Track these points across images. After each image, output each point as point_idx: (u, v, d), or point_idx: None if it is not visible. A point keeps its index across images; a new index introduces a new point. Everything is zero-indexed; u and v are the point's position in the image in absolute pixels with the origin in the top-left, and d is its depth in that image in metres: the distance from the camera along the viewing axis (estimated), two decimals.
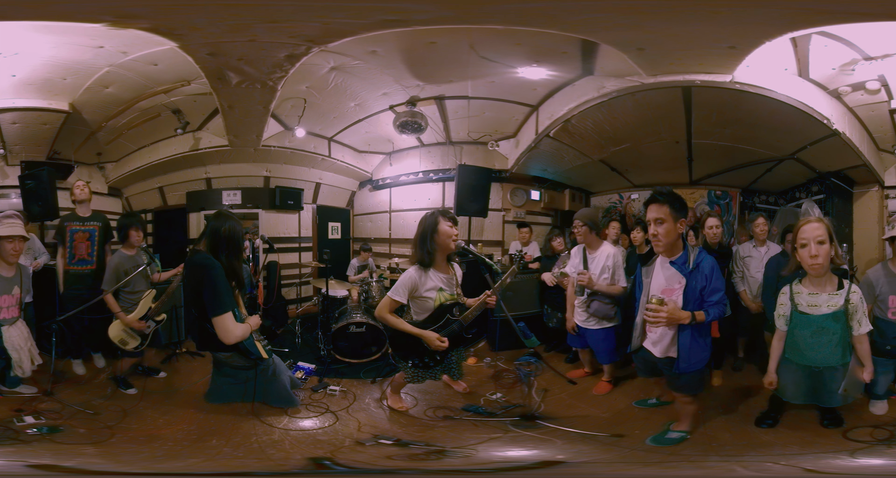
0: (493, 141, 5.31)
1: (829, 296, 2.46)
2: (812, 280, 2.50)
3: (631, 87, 4.04)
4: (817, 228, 2.37)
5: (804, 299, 2.51)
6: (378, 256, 5.71)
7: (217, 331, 2.50)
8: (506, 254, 5.57)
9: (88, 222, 3.87)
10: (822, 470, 2.45)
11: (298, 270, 5.75)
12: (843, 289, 2.46)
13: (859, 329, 2.46)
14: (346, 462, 2.58)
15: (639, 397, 3.29)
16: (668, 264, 2.59)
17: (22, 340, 3.10)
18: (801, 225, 2.43)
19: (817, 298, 2.48)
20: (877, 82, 3.80)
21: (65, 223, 3.82)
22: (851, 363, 2.52)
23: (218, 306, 2.49)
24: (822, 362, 2.49)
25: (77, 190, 3.89)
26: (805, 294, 2.51)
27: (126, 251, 3.52)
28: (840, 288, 2.46)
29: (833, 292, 2.45)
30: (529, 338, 3.31)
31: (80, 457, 2.56)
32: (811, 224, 2.40)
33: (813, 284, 2.50)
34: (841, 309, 2.43)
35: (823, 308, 2.45)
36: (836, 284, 2.47)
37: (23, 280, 3.20)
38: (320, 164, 5.60)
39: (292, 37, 3.34)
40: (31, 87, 4.02)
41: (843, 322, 2.44)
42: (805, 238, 2.39)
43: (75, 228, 3.81)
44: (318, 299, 4.82)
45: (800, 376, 2.57)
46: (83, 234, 3.82)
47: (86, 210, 3.90)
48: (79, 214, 3.87)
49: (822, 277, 2.46)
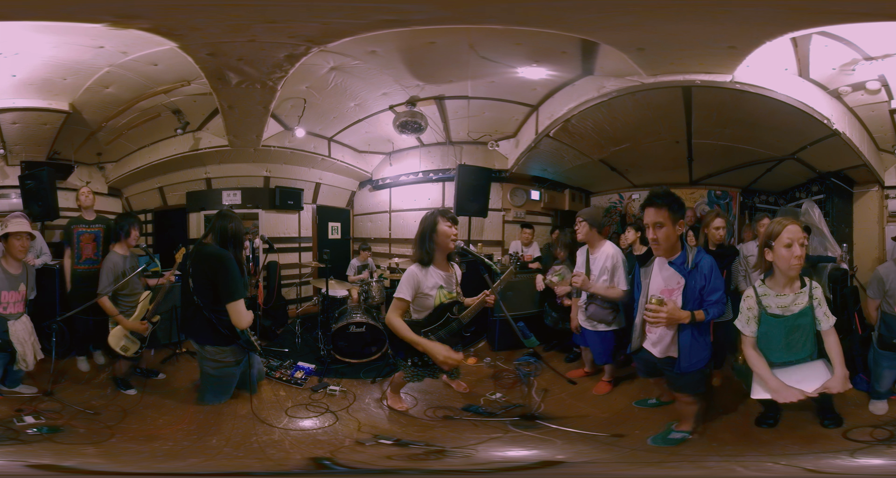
0: (492, 141, 5.31)
1: (795, 295, 2.43)
2: (778, 280, 2.47)
3: (631, 87, 4.04)
4: (800, 230, 2.37)
5: (773, 301, 2.46)
6: (378, 257, 5.72)
7: (232, 316, 2.76)
8: (506, 254, 5.57)
9: (94, 225, 3.98)
10: (822, 470, 2.45)
11: (298, 271, 5.75)
12: (806, 286, 2.44)
13: (828, 322, 2.43)
14: (346, 462, 2.58)
15: (639, 397, 3.28)
16: (666, 265, 2.59)
17: (26, 334, 3.16)
18: (786, 225, 2.39)
19: (785, 299, 2.45)
20: (877, 82, 3.80)
21: (71, 226, 3.92)
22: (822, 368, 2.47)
23: (235, 292, 2.76)
24: (795, 357, 2.47)
25: (82, 196, 4.03)
26: (773, 295, 2.47)
27: (119, 251, 3.52)
28: (803, 286, 2.45)
29: (798, 291, 2.44)
30: (529, 338, 3.30)
31: (80, 457, 2.56)
32: (795, 225, 2.38)
33: (780, 285, 2.46)
34: (808, 305, 2.42)
35: (793, 307, 2.43)
36: (800, 283, 2.46)
37: (28, 277, 3.26)
38: (320, 164, 5.60)
39: (292, 37, 3.34)
40: (32, 87, 4.02)
41: (811, 317, 2.43)
42: (791, 238, 2.36)
43: (81, 230, 3.92)
44: (318, 299, 4.82)
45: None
46: (89, 235, 3.92)
47: (91, 214, 4.03)
48: (84, 218, 3.99)
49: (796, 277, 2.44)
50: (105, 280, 3.37)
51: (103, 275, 3.39)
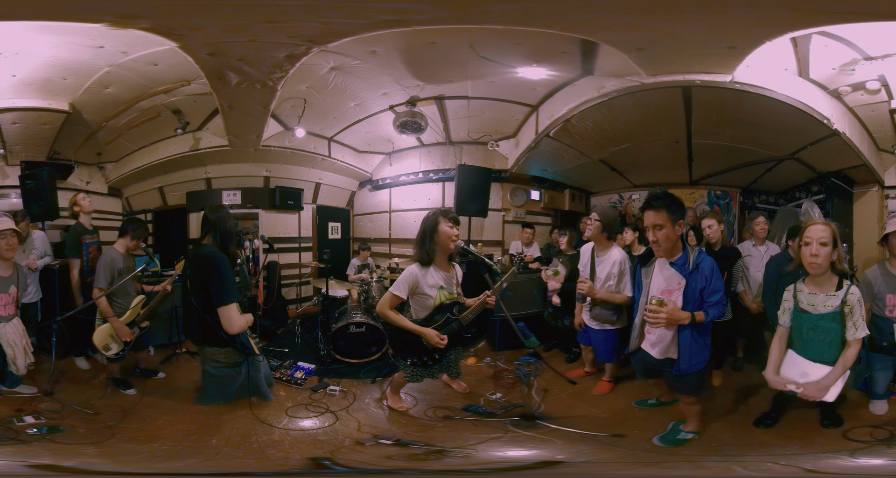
0: (492, 141, 5.31)
1: (826, 296, 2.47)
2: (813, 280, 2.52)
3: (631, 87, 4.04)
4: (822, 230, 2.42)
5: (804, 298, 2.53)
6: (378, 257, 5.72)
7: (222, 320, 2.63)
8: (506, 254, 5.57)
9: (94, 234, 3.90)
10: (822, 470, 2.45)
11: (298, 271, 5.75)
12: (841, 290, 2.47)
13: (855, 333, 2.45)
14: (346, 462, 2.58)
15: (639, 397, 3.29)
16: (667, 265, 2.59)
17: (17, 336, 3.11)
18: (808, 225, 2.47)
19: (815, 298, 2.50)
20: (877, 82, 3.80)
21: (80, 237, 3.77)
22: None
23: (226, 296, 2.64)
24: (814, 358, 2.48)
25: (85, 202, 3.91)
26: (805, 293, 2.54)
27: (118, 248, 3.42)
28: (839, 289, 2.47)
29: (831, 293, 2.47)
30: (529, 338, 3.31)
31: (80, 457, 2.56)
32: (818, 225, 2.45)
33: (813, 284, 2.52)
34: (837, 310, 2.44)
35: (820, 308, 2.48)
36: (836, 286, 2.48)
37: (19, 279, 3.21)
38: (320, 164, 5.60)
39: (292, 37, 3.34)
40: (32, 87, 4.02)
41: (839, 323, 2.45)
42: (809, 237, 2.43)
43: (89, 241, 3.83)
44: (318, 299, 4.82)
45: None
46: (96, 245, 3.85)
47: (89, 222, 3.92)
48: (86, 227, 3.88)
49: (819, 276, 2.47)
50: (102, 276, 3.27)
51: (100, 269, 3.29)
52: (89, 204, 3.93)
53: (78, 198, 3.93)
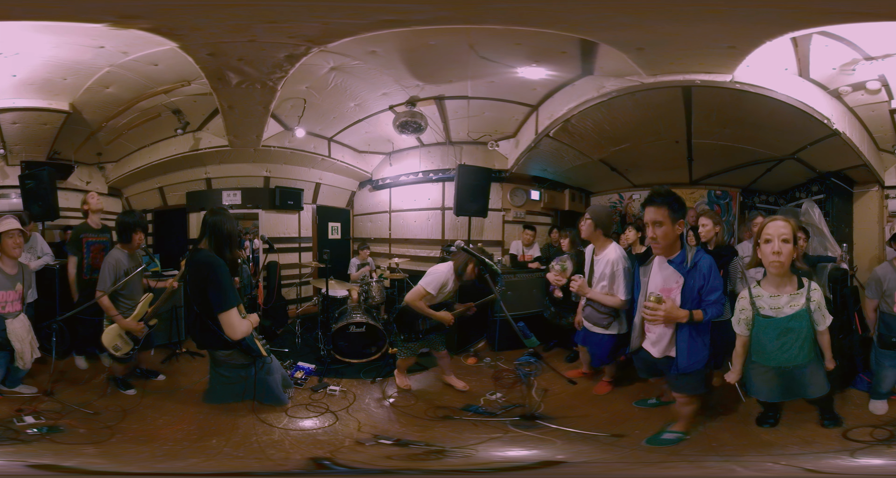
0: (492, 141, 5.32)
1: (790, 297, 2.41)
2: (772, 281, 2.46)
3: (631, 87, 4.04)
4: (783, 226, 2.33)
5: (766, 302, 2.46)
6: (378, 257, 5.72)
7: (223, 327, 2.58)
8: (506, 254, 5.58)
9: (102, 234, 3.87)
10: (822, 470, 2.44)
11: (298, 271, 5.76)
12: (803, 288, 2.42)
13: (824, 323, 2.43)
14: (346, 462, 2.58)
15: (639, 397, 3.28)
16: (665, 264, 2.59)
17: (24, 331, 3.15)
18: (767, 221, 2.39)
19: (779, 300, 2.43)
20: (877, 82, 3.80)
21: (80, 235, 3.77)
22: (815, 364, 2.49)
23: (224, 303, 2.57)
24: (789, 362, 2.45)
25: (92, 200, 3.88)
26: (766, 297, 2.46)
27: (124, 248, 3.41)
28: (800, 287, 2.42)
29: (794, 293, 2.42)
30: (529, 338, 3.30)
31: (80, 457, 2.56)
32: (777, 221, 2.36)
33: (773, 286, 2.45)
34: (804, 308, 2.39)
35: (786, 309, 2.41)
36: (797, 284, 2.44)
37: (25, 277, 3.26)
38: (320, 164, 5.60)
39: (292, 37, 3.34)
40: (32, 87, 4.03)
41: (807, 320, 2.41)
42: (770, 234, 2.34)
43: (91, 239, 3.81)
44: (318, 299, 4.82)
45: (771, 376, 2.53)
46: (99, 245, 3.82)
47: (97, 221, 3.89)
48: (91, 226, 3.85)
49: (781, 276, 2.42)
50: (107, 278, 3.27)
51: (105, 272, 3.29)
52: (96, 202, 3.88)
53: (87, 196, 3.94)
